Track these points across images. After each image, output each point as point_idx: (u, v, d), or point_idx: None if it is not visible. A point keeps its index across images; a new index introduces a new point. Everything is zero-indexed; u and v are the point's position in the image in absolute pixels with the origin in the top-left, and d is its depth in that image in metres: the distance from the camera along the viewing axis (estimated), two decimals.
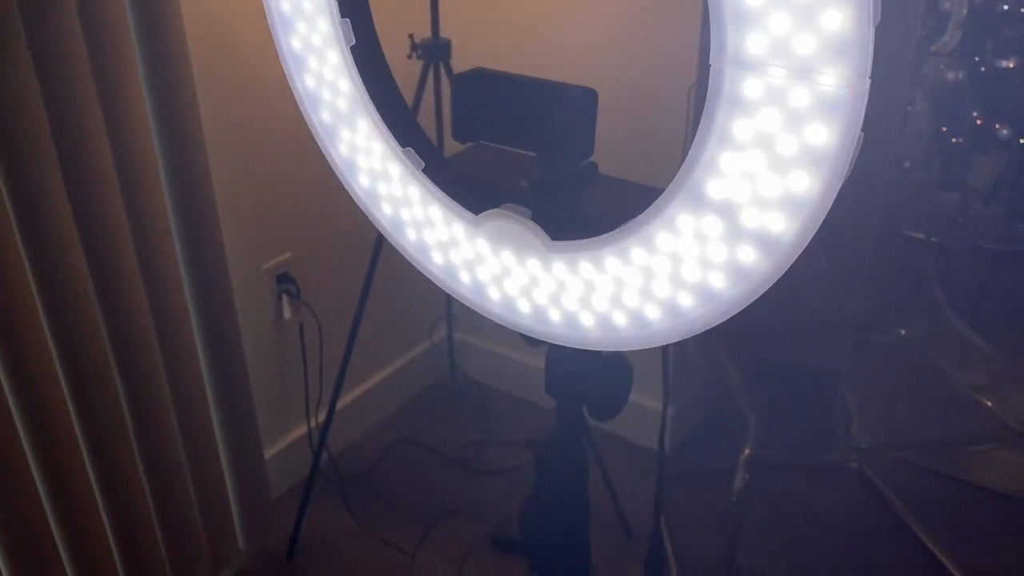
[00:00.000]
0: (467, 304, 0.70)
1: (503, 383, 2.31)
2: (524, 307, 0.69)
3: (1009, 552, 1.75)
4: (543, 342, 0.70)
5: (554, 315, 0.68)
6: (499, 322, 0.67)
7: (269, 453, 1.90)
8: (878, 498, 1.91)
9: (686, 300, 0.62)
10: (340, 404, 2.05)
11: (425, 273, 0.75)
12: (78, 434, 1.41)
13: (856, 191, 1.76)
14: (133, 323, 1.41)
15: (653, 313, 0.64)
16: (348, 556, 1.79)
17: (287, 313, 1.79)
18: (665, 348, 0.70)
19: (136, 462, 1.50)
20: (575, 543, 0.69)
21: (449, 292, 0.69)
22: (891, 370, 1.66)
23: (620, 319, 0.66)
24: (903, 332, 1.64)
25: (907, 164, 2.67)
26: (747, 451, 1.33)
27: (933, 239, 2.12)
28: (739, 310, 0.61)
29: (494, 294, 0.70)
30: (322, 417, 1.81)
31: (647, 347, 0.63)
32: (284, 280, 1.78)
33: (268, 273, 1.76)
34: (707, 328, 0.62)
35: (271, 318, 1.80)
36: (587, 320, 0.67)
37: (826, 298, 1.77)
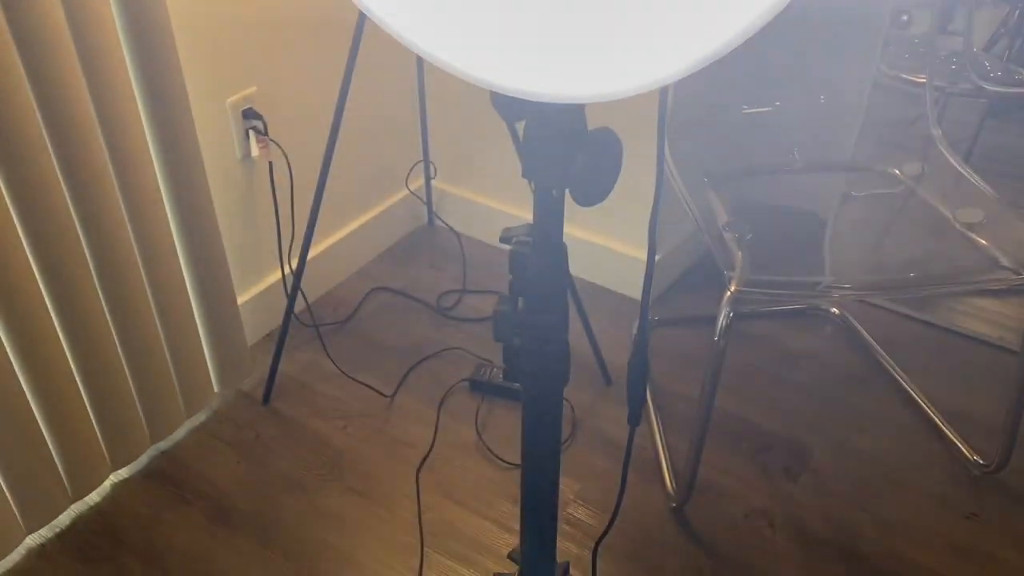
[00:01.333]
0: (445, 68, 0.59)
1: (482, 232, 2.25)
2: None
3: (982, 394, 1.77)
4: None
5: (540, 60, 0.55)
6: (479, 82, 0.55)
7: (243, 298, 1.86)
8: (858, 343, 1.92)
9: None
10: (316, 251, 2.00)
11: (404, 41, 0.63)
12: (41, 287, 1.35)
13: (855, 42, 1.67)
14: (90, 164, 1.32)
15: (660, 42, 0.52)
16: (326, 399, 1.78)
17: (254, 151, 1.70)
18: (657, 190, 0.63)
19: (103, 311, 1.45)
20: (552, 347, 0.65)
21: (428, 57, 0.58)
22: (881, 212, 1.62)
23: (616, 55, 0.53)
24: (897, 172, 1.59)
25: (904, 18, 2.56)
26: (732, 288, 1.30)
27: (935, 83, 2.04)
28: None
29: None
30: (296, 263, 1.76)
31: (643, 90, 0.52)
32: (251, 116, 1.69)
33: (233, 107, 1.66)
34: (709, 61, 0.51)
35: (238, 157, 1.72)
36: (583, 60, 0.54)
37: (819, 139, 1.70)
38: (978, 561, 1.45)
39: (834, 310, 2.00)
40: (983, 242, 1.39)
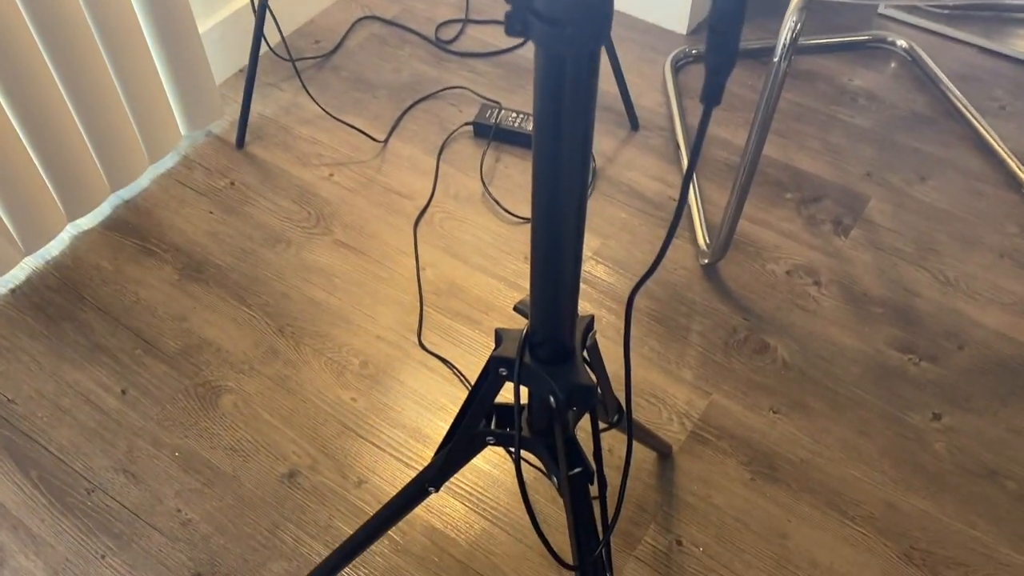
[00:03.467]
0: None
1: None
2: None
3: None
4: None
5: None
6: None
7: (206, 25, 1.58)
8: (927, 80, 1.64)
9: None
10: None
11: None
12: None
13: None
14: None
15: None
16: (309, 144, 1.55)
17: None
18: None
19: (36, 46, 1.18)
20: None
21: None
22: None
23: None
24: None
25: None
26: None
27: None
28: None
29: None
30: None
31: None
32: None
33: None
34: None
35: None
36: None
37: None
38: None
39: (901, 42, 1.70)
40: None
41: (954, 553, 1.06)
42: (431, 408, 1.21)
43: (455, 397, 1.22)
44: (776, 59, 1.09)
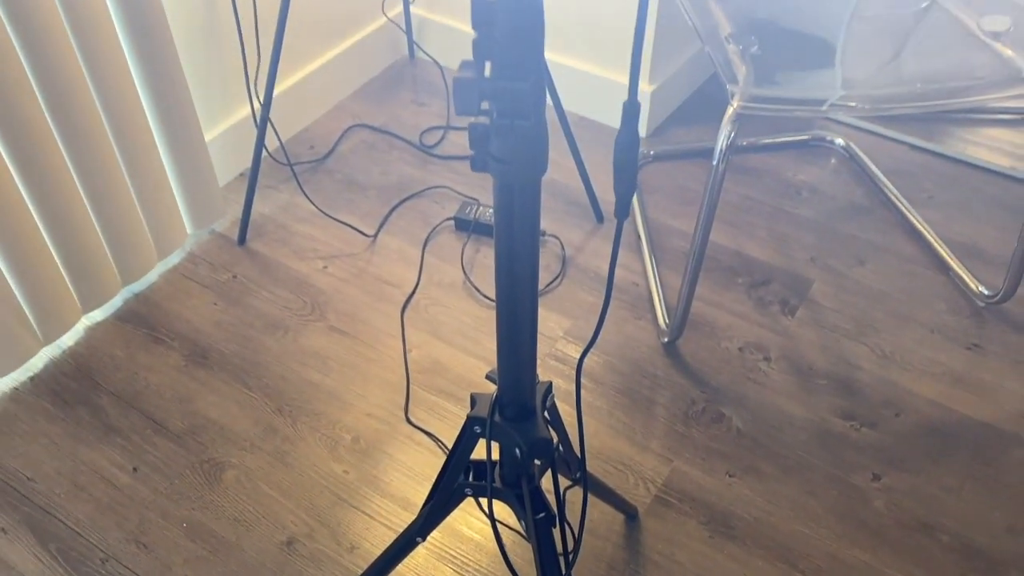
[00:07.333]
0: None
1: None
2: None
3: (990, 225, 1.70)
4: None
5: None
6: None
7: (212, 135, 1.75)
8: (863, 175, 1.82)
9: None
10: (288, 84, 1.87)
11: None
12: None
13: None
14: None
15: None
16: (305, 239, 1.70)
17: None
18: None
19: (61, 152, 1.34)
20: (527, 124, 0.55)
21: None
22: (897, 28, 1.48)
23: None
24: None
25: None
26: (735, 104, 1.19)
27: None
28: None
29: None
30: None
31: None
32: None
33: None
34: None
35: None
36: None
37: None
38: (977, 391, 1.42)
39: (839, 140, 1.89)
40: (1008, 52, 1.27)
41: None
42: (417, 479, 1.32)
43: (439, 468, 1.33)
44: (715, 162, 1.26)
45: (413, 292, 1.60)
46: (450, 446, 1.34)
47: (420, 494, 1.30)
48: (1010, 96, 1.28)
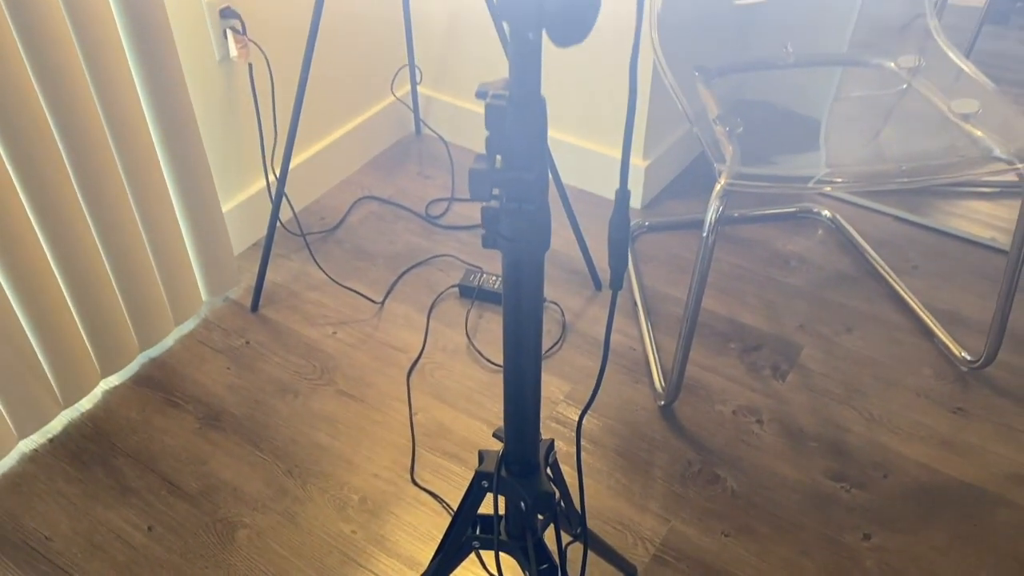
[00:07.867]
0: None
1: (470, 139, 2.21)
2: None
3: (972, 293, 1.77)
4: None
5: None
6: None
7: (228, 206, 1.84)
8: (850, 245, 1.91)
9: None
10: (301, 159, 1.97)
11: None
12: (23, 201, 1.32)
13: None
14: (64, 68, 1.28)
15: None
16: (315, 307, 1.77)
17: (233, 51, 1.65)
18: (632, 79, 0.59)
19: (86, 221, 1.42)
20: (531, 208, 0.63)
21: None
22: (876, 109, 1.58)
23: None
24: (893, 64, 1.55)
25: None
26: (722, 181, 1.28)
27: None
28: None
29: None
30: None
31: None
32: (228, 15, 1.63)
33: (210, 6, 1.61)
34: None
35: (217, 58, 1.67)
36: None
37: (818, 31, 1.66)
38: (963, 453, 1.47)
39: (826, 212, 1.98)
40: (979, 133, 1.36)
41: None
42: (423, 539, 1.36)
43: (444, 528, 1.38)
44: (704, 234, 1.34)
45: (419, 357, 1.66)
46: (455, 506, 1.39)
47: (425, 553, 1.34)
48: (985, 172, 1.37)
